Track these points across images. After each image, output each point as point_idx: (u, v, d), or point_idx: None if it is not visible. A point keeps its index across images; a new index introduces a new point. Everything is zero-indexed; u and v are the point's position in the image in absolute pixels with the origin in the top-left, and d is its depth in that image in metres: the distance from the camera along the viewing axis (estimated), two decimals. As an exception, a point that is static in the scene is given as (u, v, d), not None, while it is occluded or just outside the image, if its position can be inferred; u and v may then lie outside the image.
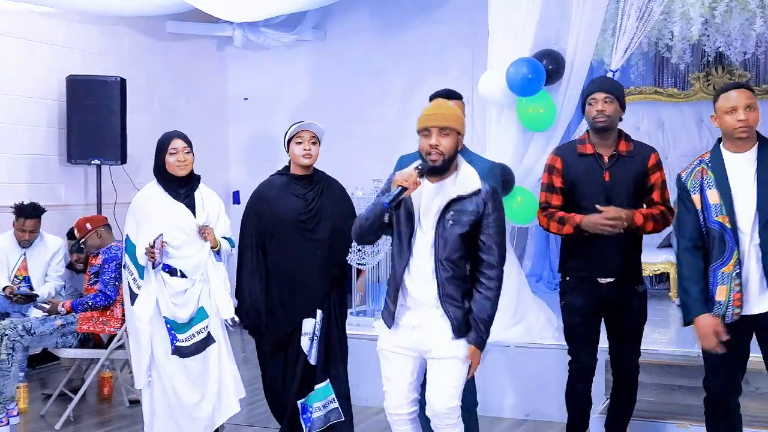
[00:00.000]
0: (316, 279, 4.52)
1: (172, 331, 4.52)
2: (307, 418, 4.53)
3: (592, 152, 4.01)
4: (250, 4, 6.64)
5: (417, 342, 3.54)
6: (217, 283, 4.59)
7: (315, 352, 4.51)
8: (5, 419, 5.24)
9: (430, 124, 3.47)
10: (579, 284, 4.05)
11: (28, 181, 6.95)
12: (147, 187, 4.64)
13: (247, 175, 9.03)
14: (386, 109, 8.49)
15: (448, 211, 3.48)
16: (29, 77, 7.01)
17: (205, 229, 4.52)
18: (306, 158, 4.51)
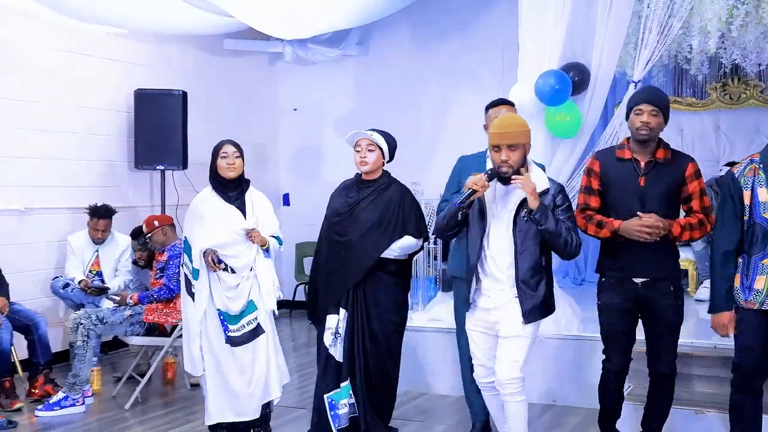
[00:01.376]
0: (338, 278, 4.50)
1: (224, 323, 4.55)
2: (334, 415, 4.48)
3: (629, 157, 3.90)
4: (299, 23, 6.67)
5: (491, 322, 3.80)
6: (265, 278, 4.60)
7: (339, 349, 4.49)
8: (81, 399, 5.33)
9: (500, 142, 3.66)
10: (614, 284, 3.94)
11: (100, 184, 7.01)
12: (202, 191, 4.67)
13: (296, 178, 9.11)
14: (423, 117, 8.48)
15: (523, 207, 3.68)
16: (102, 91, 7.08)
17: (252, 233, 4.51)
18: (362, 165, 4.51)
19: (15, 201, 6.33)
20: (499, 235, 3.75)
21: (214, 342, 4.57)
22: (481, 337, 3.87)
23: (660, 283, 3.87)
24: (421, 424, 5.00)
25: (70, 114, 6.79)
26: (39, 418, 5.17)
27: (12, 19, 6.27)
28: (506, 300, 3.76)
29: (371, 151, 4.49)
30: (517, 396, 3.76)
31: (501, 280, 3.76)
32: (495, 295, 3.78)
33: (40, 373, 5.58)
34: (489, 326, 3.83)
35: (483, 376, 3.92)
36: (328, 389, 4.50)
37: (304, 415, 5.13)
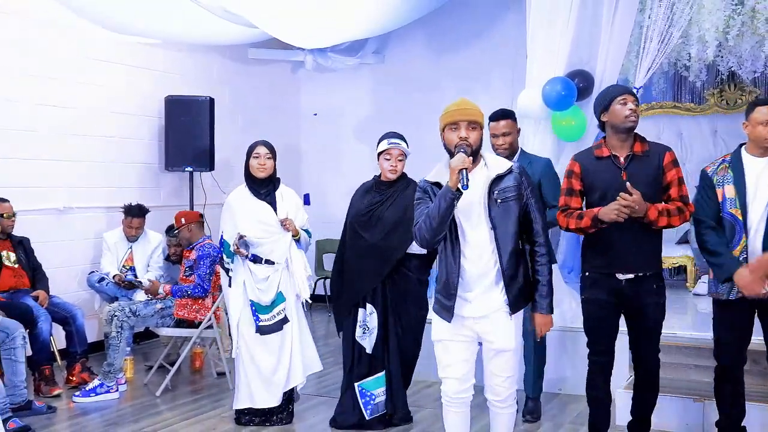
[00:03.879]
0: (364, 275, 4.54)
1: (256, 313, 4.61)
2: (366, 402, 4.56)
3: (608, 154, 3.71)
4: (319, 33, 6.68)
5: (479, 332, 3.37)
6: (298, 267, 4.64)
7: (371, 342, 4.53)
8: (115, 386, 5.36)
9: (460, 118, 3.33)
10: (598, 279, 3.72)
11: (133, 185, 7.05)
12: (236, 189, 4.73)
13: (317, 179, 9.11)
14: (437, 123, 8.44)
15: (493, 193, 3.31)
16: (135, 98, 7.11)
17: (286, 221, 4.56)
18: (392, 173, 4.53)
19: (54, 201, 6.37)
20: (474, 230, 3.33)
21: (247, 331, 4.62)
22: (460, 347, 3.39)
23: (643, 282, 3.66)
24: (433, 411, 4.98)
25: (105, 119, 6.82)
26: (77, 404, 5.21)
27: (52, 32, 6.30)
28: (494, 308, 3.33)
29: (401, 160, 4.54)
30: (513, 407, 3.51)
31: (484, 276, 3.33)
32: (482, 302, 3.33)
33: (77, 362, 5.61)
34: (472, 335, 3.39)
35: (455, 390, 3.44)
36: (359, 378, 4.54)
37: (325, 402, 5.14)
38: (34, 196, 6.16)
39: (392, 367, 4.57)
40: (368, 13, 6.42)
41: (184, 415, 4.96)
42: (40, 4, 6.07)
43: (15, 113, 6.04)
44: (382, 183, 4.60)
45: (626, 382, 4.67)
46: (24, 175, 6.08)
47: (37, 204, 6.19)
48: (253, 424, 4.69)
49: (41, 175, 6.25)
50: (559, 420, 4.75)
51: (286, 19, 6.12)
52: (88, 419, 4.94)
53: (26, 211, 5.89)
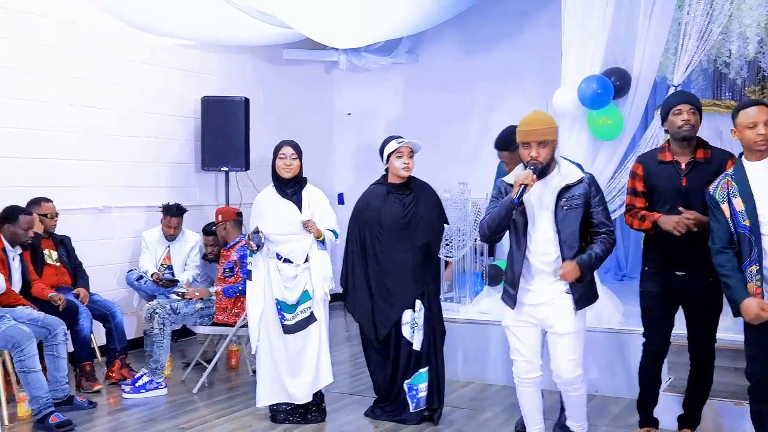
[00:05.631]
0: (412, 276, 4.59)
1: (281, 312, 4.65)
2: (412, 396, 4.64)
3: (670, 160, 3.89)
4: (353, 33, 6.71)
5: (540, 318, 3.70)
6: (319, 267, 4.66)
7: (419, 339, 4.59)
8: (164, 383, 5.44)
9: (529, 139, 3.61)
10: (655, 274, 3.95)
11: (171, 185, 7.13)
12: (265, 189, 4.79)
13: (350, 178, 9.14)
14: (470, 121, 8.45)
15: (561, 199, 3.63)
16: (172, 99, 7.20)
17: (308, 223, 4.59)
18: (405, 171, 4.58)
19: (94, 200, 6.48)
20: (541, 230, 3.68)
21: (270, 329, 4.68)
22: (527, 332, 3.75)
23: (699, 277, 3.81)
24: (467, 411, 4.99)
25: (143, 120, 6.92)
26: (125, 399, 5.29)
27: (91, 35, 6.42)
28: (555, 295, 3.67)
29: (411, 157, 4.61)
30: (581, 389, 3.80)
31: (548, 274, 3.68)
32: (543, 290, 3.68)
33: (116, 358, 5.71)
34: (537, 321, 3.73)
35: (526, 371, 3.80)
36: (406, 375, 4.61)
37: (358, 401, 5.17)
38: (75, 195, 6.27)
39: (436, 363, 4.64)
40: (402, 13, 6.43)
41: (221, 412, 5.02)
42: (80, 8, 6.19)
43: (57, 115, 6.16)
44: (398, 185, 4.63)
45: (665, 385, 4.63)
46: (65, 176, 6.19)
47: (78, 203, 6.30)
48: (287, 421, 4.74)
49: (82, 175, 6.36)
50: (595, 422, 4.72)
51: (320, 20, 6.16)
52: (127, 414, 5.02)
53: (67, 210, 6.00)
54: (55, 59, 6.14)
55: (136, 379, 5.40)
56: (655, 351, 4.04)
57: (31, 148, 5.93)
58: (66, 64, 6.23)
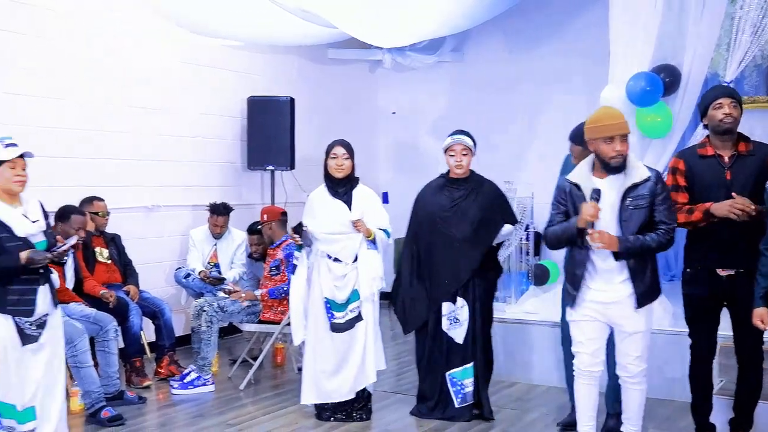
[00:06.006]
0: (452, 270, 4.60)
1: (330, 310, 4.69)
2: (457, 391, 4.67)
3: (712, 154, 3.85)
4: (398, 32, 6.72)
5: (609, 317, 3.76)
6: (367, 267, 4.69)
7: (461, 333, 4.61)
8: (211, 379, 5.52)
9: (617, 132, 3.61)
10: (698, 275, 3.90)
11: (217, 184, 7.22)
12: (317, 189, 4.82)
13: (394, 177, 9.16)
14: (515, 120, 8.40)
15: (626, 198, 3.64)
16: (219, 99, 7.30)
17: (357, 223, 4.61)
18: (458, 168, 4.60)
19: (143, 199, 6.61)
20: (605, 227, 3.67)
21: (318, 328, 4.71)
22: (591, 326, 3.81)
23: (743, 276, 3.75)
24: (513, 412, 4.96)
25: (191, 120, 7.03)
26: (174, 395, 5.39)
27: (142, 36, 6.54)
28: (623, 295, 3.71)
29: (465, 155, 4.60)
30: (643, 384, 3.88)
31: (612, 273, 3.70)
32: (610, 290, 3.73)
33: (165, 355, 5.81)
34: (604, 319, 3.78)
35: (587, 364, 3.87)
36: (448, 368, 4.63)
37: (402, 400, 5.18)
38: (125, 194, 6.40)
39: (479, 360, 4.65)
40: (446, 11, 6.42)
41: (267, 409, 5.07)
42: (131, 11, 6.32)
43: (109, 116, 6.29)
44: (455, 179, 4.64)
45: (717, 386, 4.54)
46: (116, 175, 6.32)
47: (128, 202, 6.42)
48: (332, 419, 4.77)
49: (132, 175, 6.49)
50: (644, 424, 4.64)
51: (365, 19, 6.18)
52: (176, 410, 5.12)
53: (118, 209, 6.12)
54: (107, 61, 6.27)
55: (184, 376, 5.49)
56: (701, 354, 4.00)
57: (84, 148, 6.07)
58: (117, 66, 6.36)
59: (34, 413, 3.66)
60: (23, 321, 3.58)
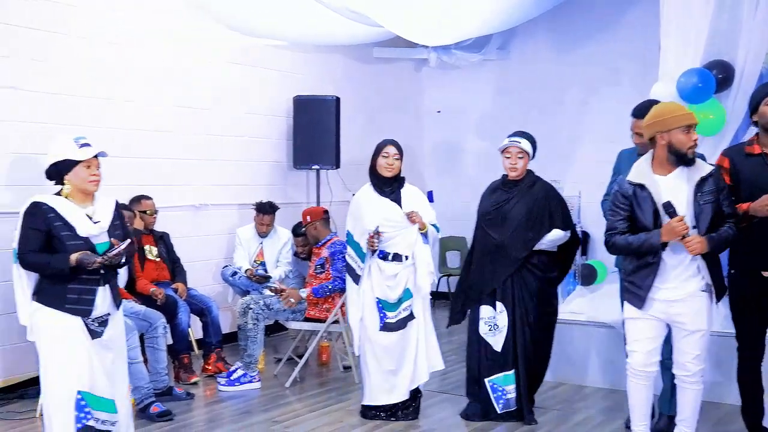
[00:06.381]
0: (489, 273, 4.58)
1: (382, 310, 4.70)
2: (498, 397, 4.63)
3: (759, 152, 3.79)
4: (443, 30, 6.71)
5: (672, 314, 3.68)
6: (422, 262, 4.68)
7: (500, 340, 4.57)
8: (258, 376, 5.59)
9: (695, 122, 3.62)
10: (743, 276, 3.86)
11: (263, 183, 7.29)
12: (362, 188, 4.82)
13: (439, 177, 9.14)
14: (563, 118, 8.32)
15: (697, 192, 3.61)
16: (265, 99, 7.37)
17: (412, 214, 4.61)
18: (512, 171, 4.56)
19: (191, 198, 6.71)
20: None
21: (372, 328, 4.72)
22: (650, 325, 3.75)
23: None
24: (559, 413, 4.92)
25: (237, 120, 7.12)
26: (221, 392, 5.47)
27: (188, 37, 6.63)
28: (691, 292, 3.66)
29: (521, 158, 4.56)
30: (700, 385, 3.82)
31: (681, 269, 3.65)
32: (678, 287, 3.67)
33: (212, 352, 5.89)
34: (665, 317, 3.73)
35: (642, 364, 3.80)
36: (488, 374, 4.60)
37: (448, 400, 5.18)
38: (174, 193, 6.51)
39: (520, 366, 4.60)
40: (493, 8, 6.39)
41: (312, 407, 5.12)
42: (179, 12, 6.43)
43: (156, 115, 6.41)
44: (509, 182, 4.63)
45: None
46: (164, 174, 6.44)
47: (176, 201, 6.53)
48: (379, 418, 4.79)
49: (180, 174, 6.60)
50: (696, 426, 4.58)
51: (410, 17, 6.19)
52: (223, 406, 5.19)
53: (166, 207, 6.23)
54: (156, 62, 6.39)
55: (231, 373, 5.57)
56: (749, 356, 3.95)
57: (134, 147, 6.19)
58: (165, 66, 6.47)
59: (115, 407, 3.67)
60: (85, 318, 3.59)
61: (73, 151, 3.62)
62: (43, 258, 3.55)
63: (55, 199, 3.60)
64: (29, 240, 3.55)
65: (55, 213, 3.56)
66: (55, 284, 3.56)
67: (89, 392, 3.56)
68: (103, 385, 3.62)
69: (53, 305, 3.56)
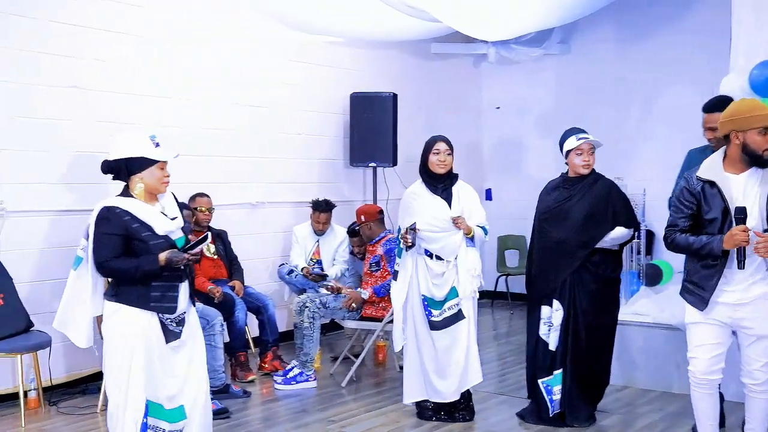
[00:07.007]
0: (549, 272, 4.53)
1: (428, 308, 4.70)
2: (551, 399, 4.60)
3: None
4: (503, 25, 6.65)
5: (737, 319, 3.57)
6: (466, 265, 4.66)
7: (554, 339, 4.53)
8: (314, 375, 5.64)
9: None
10: None
11: (320, 180, 7.35)
12: (413, 184, 4.83)
13: (498, 174, 9.09)
14: (627, 114, 8.17)
15: None
16: (321, 96, 7.43)
17: (457, 220, 4.59)
18: (584, 169, 4.51)
19: (248, 196, 6.81)
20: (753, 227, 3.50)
21: (418, 326, 4.73)
22: (714, 331, 3.63)
23: None
24: (622, 417, 4.84)
25: (294, 117, 7.19)
26: (277, 390, 5.53)
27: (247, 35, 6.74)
28: (758, 295, 3.55)
29: (592, 154, 4.52)
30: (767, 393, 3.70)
31: (751, 270, 3.52)
32: (744, 290, 3.55)
33: (268, 350, 5.97)
34: (730, 322, 3.61)
35: (703, 371, 3.67)
36: (541, 374, 4.57)
37: (506, 401, 5.14)
38: (231, 191, 6.61)
39: (568, 367, 4.54)
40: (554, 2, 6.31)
41: (368, 407, 5.14)
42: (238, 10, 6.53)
43: (214, 114, 6.53)
44: (570, 179, 4.57)
45: None
46: (222, 172, 6.54)
47: (233, 199, 6.64)
48: (434, 419, 4.78)
49: (237, 172, 6.70)
50: None
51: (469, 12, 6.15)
52: (279, 405, 5.26)
53: (224, 205, 6.34)
54: (215, 61, 6.51)
55: (287, 371, 5.63)
56: None
57: (192, 145, 6.30)
58: (225, 65, 6.58)
59: (184, 412, 3.62)
60: (165, 317, 3.54)
61: (150, 150, 3.54)
62: (128, 263, 3.45)
63: (124, 200, 3.51)
64: (108, 246, 3.45)
65: (130, 215, 3.46)
66: (137, 284, 3.48)
67: (155, 401, 3.53)
68: (172, 392, 3.57)
69: (137, 304, 3.47)
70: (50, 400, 5.21)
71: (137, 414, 3.47)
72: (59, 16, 5.46)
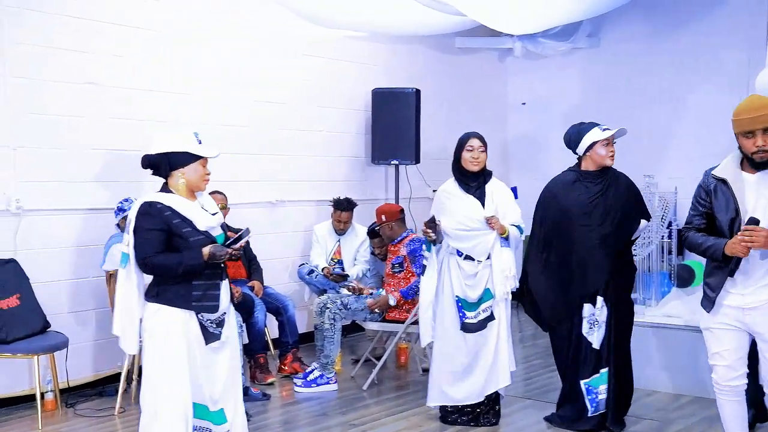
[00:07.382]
0: (593, 268, 4.44)
1: (462, 309, 4.63)
2: (592, 400, 4.51)
3: None
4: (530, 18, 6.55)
5: (748, 323, 3.50)
6: (500, 265, 4.59)
7: (599, 337, 4.45)
8: (334, 378, 5.59)
9: (754, 127, 3.39)
10: None
11: (341, 178, 7.29)
12: (446, 182, 4.76)
13: (524, 172, 8.97)
14: (657, 109, 8.03)
15: None
16: (343, 92, 7.37)
17: (491, 220, 4.53)
18: (611, 160, 4.46)
19: (267, 194, 6.76)
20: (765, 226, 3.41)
21: (449, 328, 4.67)
22: (729, 335, 3.55)
23: None
24: (653, 422, 4.73)
25: (315, 114, 7.14)
26: (297, 393, 5.49)
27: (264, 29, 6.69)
28: (766, 300, 3.45)
29: (614, 144, 4.48)
30: None
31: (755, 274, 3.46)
32: (753, 293, 3.47)
33: (288, 352, 5.93)
34: (742, 326, 3.53)
35: (727, 378, 3.59)
36: (584, 375, 4.48)
37: (532, 405, 5.07)
38: (250, 189, 6.57)
39: (614, 365, 4.47)
40: (583, -6, 6.20)
41: (390, 410, 5.08)
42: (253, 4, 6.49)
43: (234, 111, 6.49)
44: (589, 173, 4.48)
45: None
46: (240, 170, 6.49)
47: (253, 197, 6.60)
48: (458, 423, 4.72)
49: (256, 170, 6.66)
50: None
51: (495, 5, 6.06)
52: (299, 408, 5.21)
53: (242, 204, 6.31)
54: (233, 57, 6.47)
55: (308, 373, 5.59)
56: None
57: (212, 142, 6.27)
58: (242, 61, 6.54)
59: (225, 416, 3.59)
60: (205, 318, 3.49)
61: (194, 146, 3.55)
62: (172, 258, 3.42)
63: (164, 196, 3.49)
64: (150, 242, 3.41)
65: (172, 210, 3.44)
66: (178, 283, 3.44)
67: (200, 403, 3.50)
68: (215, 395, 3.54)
69: (178, 304, 3.43)
70: (67, 402, 5.21)
71: (187, 414, 3.42)
72: (74, 11, 5.43)
